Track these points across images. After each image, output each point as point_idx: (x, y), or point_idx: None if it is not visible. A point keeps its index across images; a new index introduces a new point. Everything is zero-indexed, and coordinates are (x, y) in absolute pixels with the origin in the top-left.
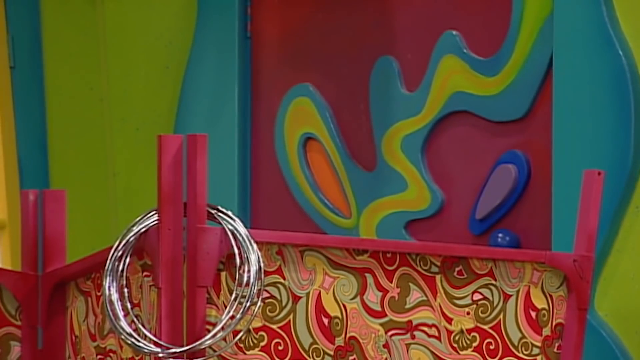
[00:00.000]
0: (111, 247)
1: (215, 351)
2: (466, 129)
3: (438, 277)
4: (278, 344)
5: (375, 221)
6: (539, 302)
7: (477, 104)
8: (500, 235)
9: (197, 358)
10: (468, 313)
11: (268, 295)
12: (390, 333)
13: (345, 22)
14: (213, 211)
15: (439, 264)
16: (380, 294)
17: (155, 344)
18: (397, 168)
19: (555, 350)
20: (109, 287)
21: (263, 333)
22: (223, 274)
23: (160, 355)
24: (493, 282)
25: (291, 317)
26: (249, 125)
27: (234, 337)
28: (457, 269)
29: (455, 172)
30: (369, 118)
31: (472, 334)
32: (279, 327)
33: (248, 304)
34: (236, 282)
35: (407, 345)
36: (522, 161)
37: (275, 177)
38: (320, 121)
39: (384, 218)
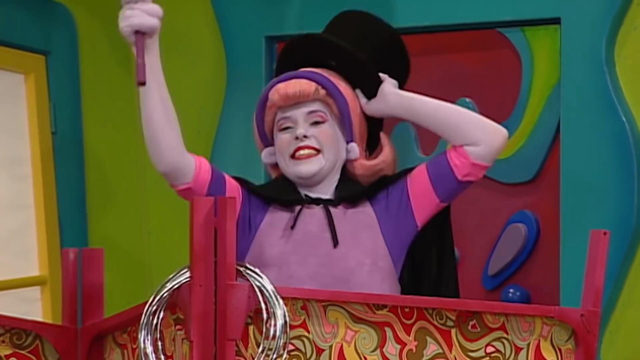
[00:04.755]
0: (146, 302)
1: None
2: (479, 190)
3: (453, 330)
4: None
5: None
6: (549, 354)
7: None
8: (511, 290)
9: None
10: None
11: (293, 347)
12: None
13: None
14: (241, 269)
15: (454, 318)
16: (399, 346)
17: None
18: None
19: None
20: (144, 340)
21: None
22: (251, 327)
23: None
24: (505, 335)
25: None
26: None
27: None
28: (471, 323)
29: (469, 230)
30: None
31: None
32: None
33: (275, 356)
34: (263, 335)
35: None
36: (532, 221)
37: None
38: None
39: None
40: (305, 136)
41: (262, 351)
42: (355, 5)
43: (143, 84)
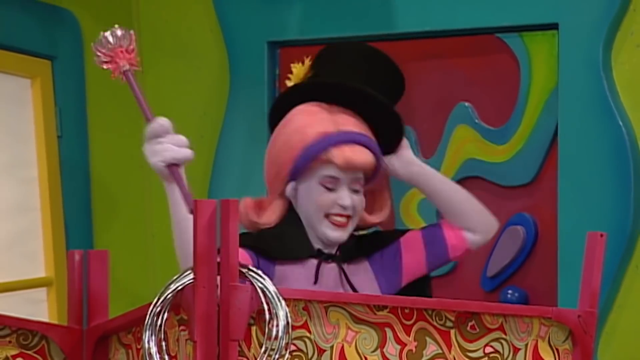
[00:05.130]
0: (150, 303)
1: None
2: (478, 193)
3: (452, 331)
4: None
5: None
6: (546, 355)
7: (488, 170)
8: (509, 291)
9: None
10: None
11: (295, 348)
12: None
13: None
14: (244, 270)
15: (453, 319)
16: (399, 347)
17: None
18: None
19: None
20: (148, 340)
21: None
22: (253, 328)
23: None
24: (504, 336)
25: None
26: None
27: None
28: (470, 324)
29: None
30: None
31: None
32: None
33: (277, 356)
34: (265, 335)
35: None
36: (530, 223)
37: None
38: None
39: None
40: (349, 206)
41: (265, 351)
42: (355, 12)
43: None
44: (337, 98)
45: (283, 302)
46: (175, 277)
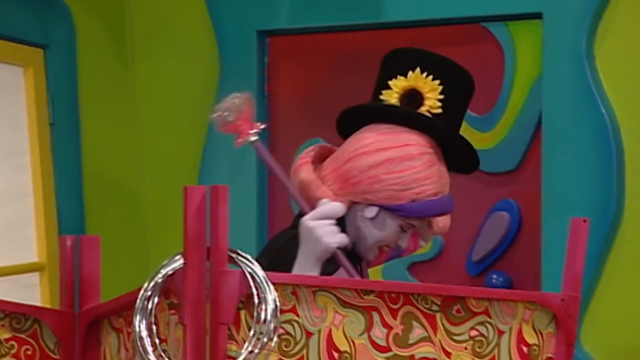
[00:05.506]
0: (141, 288)
1: None
2: (464, 179)
3: (438, 315)
4: None
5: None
6: (530, 338)
7: None
8: (494, 276)
9: None
10: (466, 348)
11: (283, 331)
12: None
13: (354, 82)
14: (233, 255)
15: (439, 303)
16: (385, 330)
17: None
18: None
19: None
20: (139, 324)
21: None
22: (242, 312)
23: None
24: (488, 319)
25: (304, 351)
26: (266, 175)
27: None
28: (455, 308)
29: (454, 219)
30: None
31: None
32: None
33: (265, 339)
34: (254, 319)
35: None
36: (514, 209)
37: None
38: None
39: None
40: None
41: (254, 335)
42: (343, 1)
43: None
44: (447, 145)
45: (272, 287)
46: (165, 262)
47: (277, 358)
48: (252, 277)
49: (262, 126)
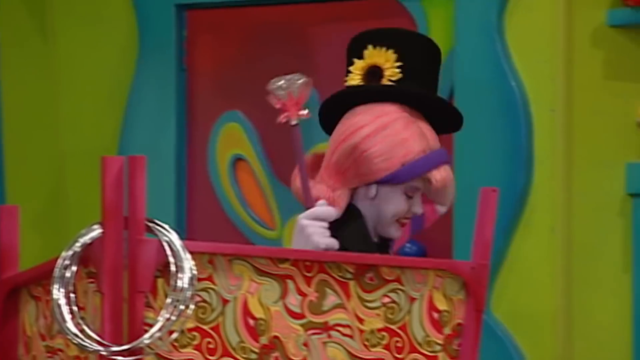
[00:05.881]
0: (59, 256)
1: (152, 349)
2: None
3: (352, 282)
4: (209, 342)
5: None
6: (441, 304)
7: None
8: (408, 245)
9: (136, 355)
10: (378, 314)
11: (200, 299)
12: (309, 333)
13: (271, 55)
14: (151, 224)
15: (352, 271)
16: (300, 297)
17: (99, 343)
18: None
19: (455, 347)
20: (57, 292)
21: (196, 333)
22: (160, 280)
23: (103, 353)
24: (401, 287)
25: (221, 319)
26: (185, 148)
27: (169, 337)
28: (368, 276)
29: None
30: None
31: (382, 333)
32: (210, 328)
33: (182, 307)
34: (171, 287)
35: (324, 344)
36: None
37: (208, 194)
38: (248, 144)
39: None
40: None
41: (171, 302)
42: None
43: None
44: (420, 106)
45: (188, 255)
46: (83, 231)
47: (194, 325)
48: (170, 245)
49: (307, 113)
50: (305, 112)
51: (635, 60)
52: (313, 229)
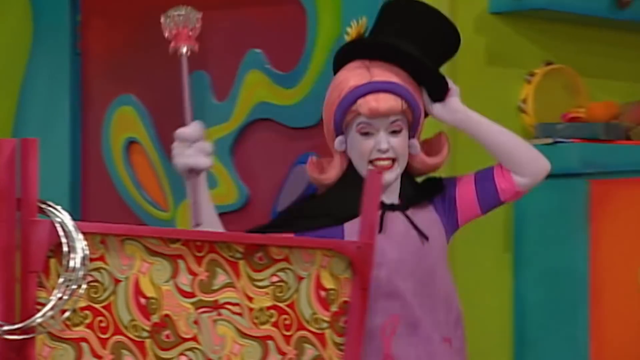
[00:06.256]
0: None
1: (44, 328)
2: (268, 134)
3: (241, 262)
4: (101, 321)
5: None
6: (328, 283)
7: (278, 112)
8: None
9: (28, 334)
10: (267, 293)
11: (92, 279)
12: (199, 311)
13: (163, 40)
14: (43, 206)
15: (242, 250)
16: (191, 277)
17: None
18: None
19: (341, 324)
20: None
21: (88, 312)
22: (52, 260)
23: None
24: (289, 266)
25: (112, 298)
26: (79, 130)
27: (61, 316)
28: (257, 255)
29: (260, 171)
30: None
31: (271, 311)
32: (102, 307)
33: (74, 286)
34: (64, 267)
35: (214, 322)
36: None
37: (103, 176)
38: (142, 127)
39: None
40: (387, 149)
41: (63, 282)
42: None
43: (199, 224)
44: (379, 55)
45: (80, 236)
46: None
47: (86, 304)
48: (62, 226)
49: (196, 46)
50: (196, 45)
51: (516, 46)
52: (175, 151)
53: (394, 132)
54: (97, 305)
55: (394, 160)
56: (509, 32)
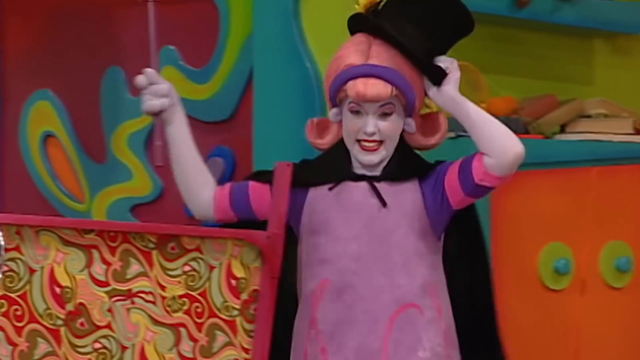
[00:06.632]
0: None
1: None
2: None
3: (154, 252)
4: (16, 309)
5: (106, 205)
6: (239, 272)
7: (191, 107)
8: None
9: None
10: (179, 282)
11: (8, 269)
12: (113, 299)
13: (80, 36)
14: None
15: (155, 241)
16: (105, 266)
17: None
18: (124, 160)
19: (251, 312)
20: None
21: (3, 301)
22: None
23: None
24: (201, 255)
25: (28, 287)
26: None
27: None
28: (170, 245)
29: None
30: (99, 118)
31: (183, 299)
32: (18, 296)
33: None
34: None
35: (128, 310)
36: (228, 155)
37: (20, 169)
38: (58, 121)
39: (113, 203)
40: (373, 132)
41: None
42: None
43: (159, 166)
44: (380, 35)
45: None
46: None
47: (2, 293)
48: None
49: None
50: None
51: None
52: (143, 98)
53: (385, 115)
54: (12, 295)
55: (381, 142)
56: None
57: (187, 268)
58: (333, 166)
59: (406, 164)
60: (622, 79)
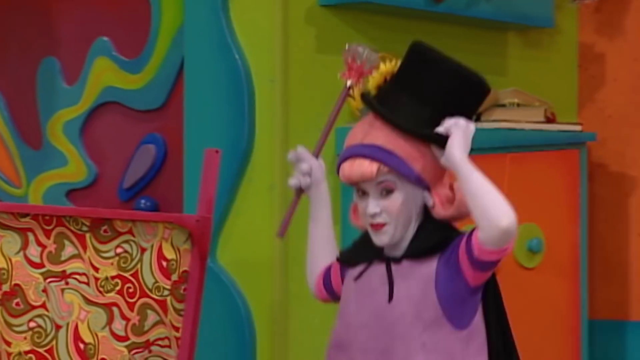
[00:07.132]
0: None
1: None
2: (116, 116)
3: (88, 235)
4: None
5: (42, 190)
6: (169, 254)
7: (124, 96)
8: (143, 201)
9: None
10: (112, 263)
11: None
12: (48, 280)
13: (17, 27)
14: None
15: (88, 224)
16: (40, 249)
17: None
18: (59, 147)
19: (181, 292)
20: None
21: None
22: None
23: None
24: (133, 238)
25: None
26: None
27: None
28: (103, 228)
29: (107, 150)
30: (36, 107)
31: (115, 280)
32: None
33: None
34: None
35: (62, 290)
36: (160, 142)
37: None
38: None
39: (49, 188)
40: (376, 213)
41: None
42: None
43: (281, 236)
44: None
45: None
46: None
47: None
48: None
49: (359, 85)
50: (359, 84)
51: (344, 36)
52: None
53: (387, 192)
54: None
55: (387, 222)
56: (338, 23)
57: (119, 250)
58: (365, 247)
59: (429, 239)
60: (534, 70)
